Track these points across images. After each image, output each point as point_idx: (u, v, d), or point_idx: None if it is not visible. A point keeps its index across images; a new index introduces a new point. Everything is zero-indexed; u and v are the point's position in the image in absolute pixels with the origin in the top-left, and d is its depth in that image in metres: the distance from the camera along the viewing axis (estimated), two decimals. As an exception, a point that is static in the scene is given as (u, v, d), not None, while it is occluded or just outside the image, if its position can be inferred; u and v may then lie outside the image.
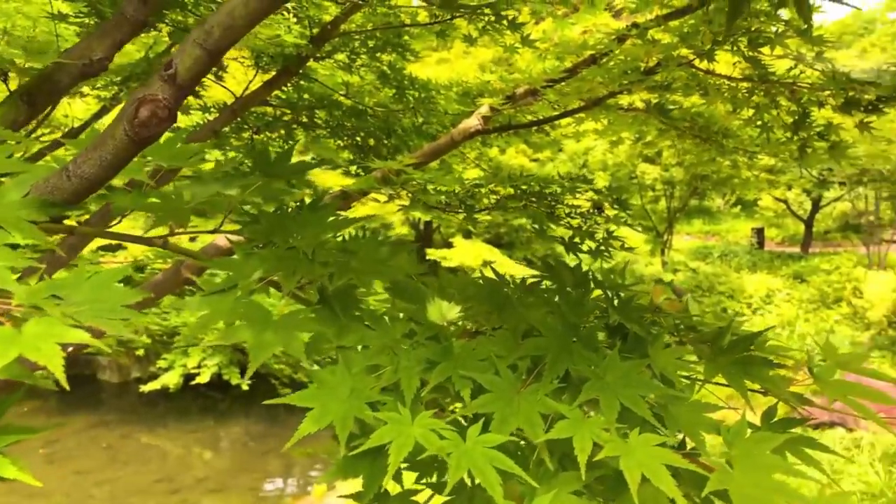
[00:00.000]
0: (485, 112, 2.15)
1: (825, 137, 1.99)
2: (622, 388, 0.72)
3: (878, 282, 13.23)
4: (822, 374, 0.84)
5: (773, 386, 0.82)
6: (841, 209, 20.57)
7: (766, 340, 0.86)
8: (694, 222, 24.28)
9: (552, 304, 0.86)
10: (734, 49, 1.72)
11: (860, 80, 1.78)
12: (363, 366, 0.73)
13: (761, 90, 1.93)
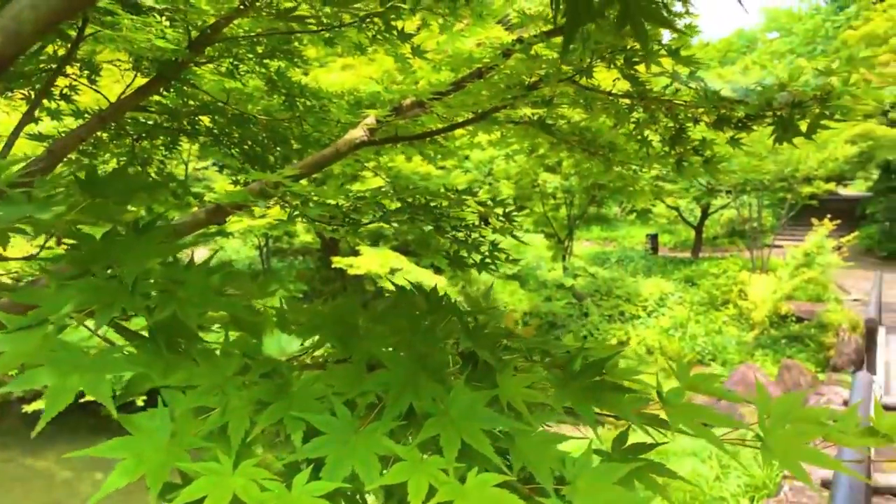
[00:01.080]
0: (370, 123, 2.10)
1: (699, 152, 2.09)
2: (466, 422, 0.69)
3: (760, 285, 14.13)
4: (671, 398, 0.85)
5: (622, 411, 0.81)
6: (728, 216, 21.89)
7: (617, 364, 0.86)
8: (593, 229, 25.18)
9: (402, 333, 0.83)
10: (611, 67, 1.77)
11: (730, 98, 1.86)
12: (188, 408, 0.66)
13: (641, 106, 2.00)
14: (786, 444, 0.72)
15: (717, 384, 0.86)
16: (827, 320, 12.31)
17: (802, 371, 11.09)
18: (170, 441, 0.63)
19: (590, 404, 0.78)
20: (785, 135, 1.83)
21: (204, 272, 0.76)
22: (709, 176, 2.17)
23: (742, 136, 1.99)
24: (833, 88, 1.76)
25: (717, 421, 0.76)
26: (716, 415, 0.77)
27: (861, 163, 20.35)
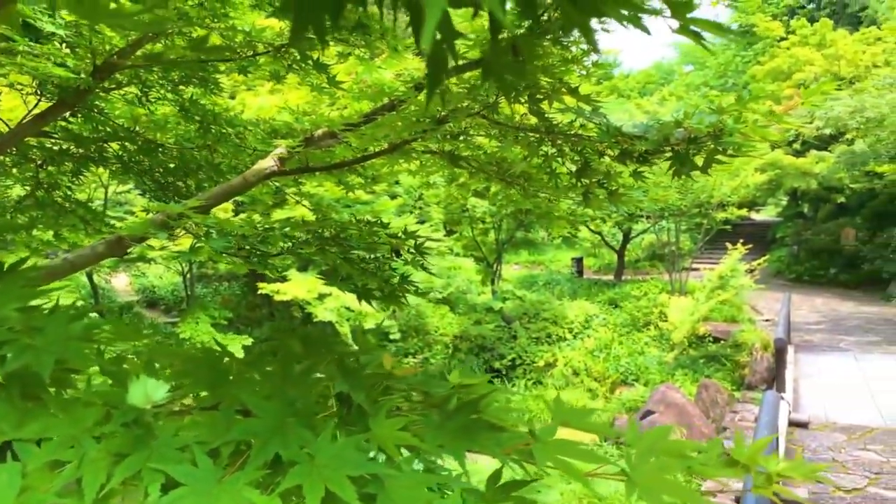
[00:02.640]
0: (281, 153, 2.09)
1: (604, 185, 2.17)
2: (331, 469, 0.68)
3: (679, 307, 14.66)
4: (543, 434, 0.87)
5: (493, 450, 0.83)
6: (648, 240, 22.73)
7: (493, 403, 0.87)
8: (521, 253, 25.63)
9: (274, 378, 0.81)
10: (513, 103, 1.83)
11: (630, 134, 1.95)
12: (42, 462, 0.63)
13: (549, 140, 2.06)
14: (650, 477, 0.74)
15: (591, 419, 0.88)
16: (741, 340, 12.86)
17: (719, 389, 11.52)
18: (18, 498, 0.60)
19: (462, 444, 0.79)
20: (682, 168, 1.92)
21: (65, 318, 0.73)
22: (613, 206, 2.26)
23: (644, 169, 2.08)
24: (725, 126, 1.87)
25: (584, 457, 0.78)
26: (582, 451, 0.79)
27: (771, 190, 21.53)
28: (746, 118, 2.13)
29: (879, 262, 18.61)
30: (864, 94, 12.64)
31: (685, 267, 17.35)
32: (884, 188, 16.73)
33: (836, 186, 18.15)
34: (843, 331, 13.40)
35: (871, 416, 7.81)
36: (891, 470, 6.13)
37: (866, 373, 9.80)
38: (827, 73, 18.94)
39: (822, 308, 16.31)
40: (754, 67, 23.94)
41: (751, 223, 30.83)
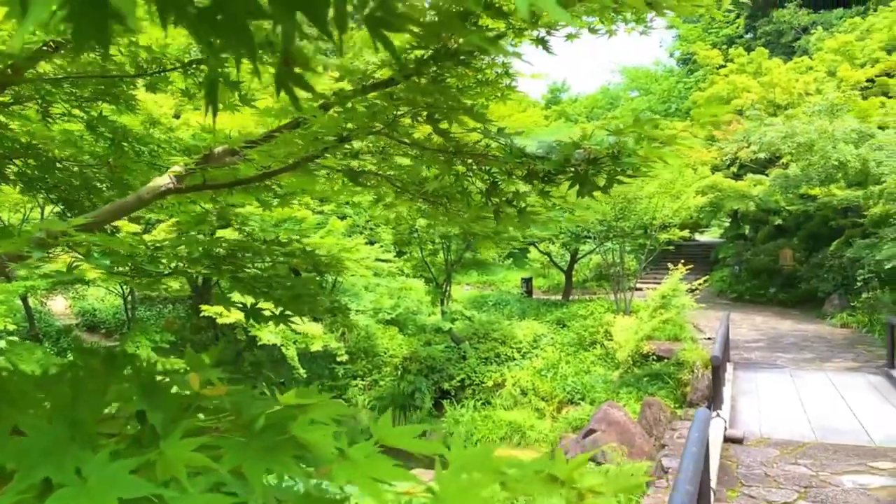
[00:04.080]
0: (177, 171, 2.04)
1: (512, 204, 2.19)
2: (103, 491, 0.65)
3: (623, 326, 14.90)
4: (356, 452, 0.83)
5: (297, 471, 0.79)
6: (596, 261, 23.10)
7: (307, 421, 0.85)
8: (472, 273, 25.75)
9: (62, 397, 0.78)
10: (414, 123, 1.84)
11: (533, 154, 1.97)
12: None
13: (458, 160, 2.07)
14: (460, 495, 0.73)
15: (409, 437, 0.87)
16: (683, 358, 13.11)
17: (662, 407, 11.70)
18: None
19: (262, 465, 0.76)
20: (583, 188, 1.95)
21: None
22: (522, 226, 2.28)
23: (550, 188, 2.10)
24: (623, 147, 1.91)
25: (394, 475, 0.76)
26: (393, 470, 0.77)
27: (713, 212, 22.19)
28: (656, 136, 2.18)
29: (815, 281, 19.32)
30: (795, 121, 13.22)
31: (631, 287, 17.67)
32: (817, 210, 17.42)
33: (774, 209, 18.82)
34: (781, 348, 13.81)
35: (803, 431, 8.03)
36: (819, 483, 6.30)
37: (800, 389, 10.10)
38: (763, 100, 19.71)
39: (762, 326, 16.79)
40: (695, 93, 24.79)
41: (695, 244, 31.70)
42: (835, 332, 15.80)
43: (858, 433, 7.92)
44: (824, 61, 20.33)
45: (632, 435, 8.55)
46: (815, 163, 12.73)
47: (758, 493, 6.08)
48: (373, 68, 2.04)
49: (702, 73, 26.42)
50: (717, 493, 6.07)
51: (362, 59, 2.28)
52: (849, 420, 8.44)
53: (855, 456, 7.11)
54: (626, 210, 16.44)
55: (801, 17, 27.05)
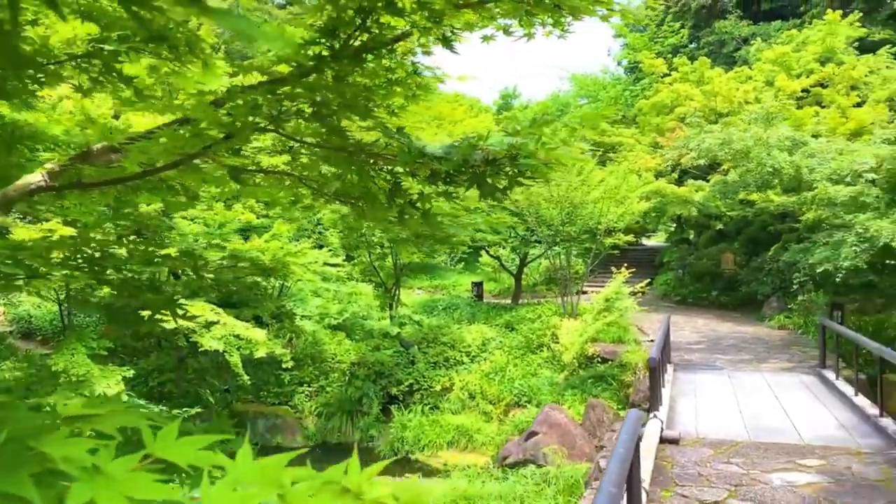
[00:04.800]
0: (51, 168, 1.95)
1: (415, 205, 2.16)
2: None
3: (569, 329, 15.06)
4: (113, 468, 0.76)
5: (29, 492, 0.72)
6: (545, 265, 23.35)
7: (62, 437, 0.78)
8: (424, 277, 25.73)
9: None
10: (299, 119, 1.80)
11: (431, 154, 1.95)
12: None
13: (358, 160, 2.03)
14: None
15: (194, 449, 0.81)
16: (626, 360, 13.33)
17: (605, 408, 11.87)
18: None
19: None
20: (484, 190, 1.94)
21: None
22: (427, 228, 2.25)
23: (455, 190, 2.08)
24: (521, 149, 1.90)
25: (156, 492, 0.71)
26: (155, 486, 0.71)
27: (658, 217, 22.67)
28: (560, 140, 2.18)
29: (755, 284, 19.91)
30: (732, 128, 13.62)
31: (578, 290, 17.90)
32: (755, 216, 17.94)
33: (715, 214, 19.32)
34: (720, 350, 14.16)
35: (737, 431, 8.22)
36: (749, 482, 6.45)
37: (737, 389, 10.35)
38: (705, 108, 20.24)
39: (703, 328, 17.20)
40: (641, 101, 25.31)
41: (642, 248, 32.36)
42: (772, 333, 16.29)
43: (789, 432, 8.15)
44: (763, 71, 21.01)
45: (573, 436, 8.62)
46: (752, 169, 13.12)
47: (690, 493, 6.18)
48: (268, 64, 1.98)
49: (647, 81, 27.02)
50: (650, 494, 6.15)
51: (264, 56, 2.22)
52: (781, 419, 8.69)
53: (785, 454, 7.31)
54: (573, 215, 16.66)
55: (742, 28, 27.93)
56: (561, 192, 16.34)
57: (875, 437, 7.87)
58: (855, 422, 8.53)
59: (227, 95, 1.83)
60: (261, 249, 15.21)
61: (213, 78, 2.19)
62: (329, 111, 1.82)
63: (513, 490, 7.83)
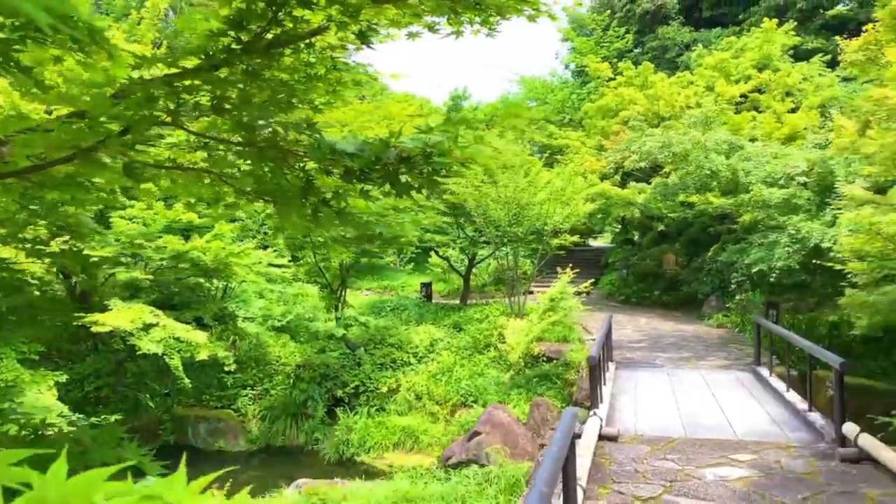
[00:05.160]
0: (-69, 161, 1.84)
1: (328, 203, 2.11)
2: None
3: (515, 328, 15.17)
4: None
5: None
6: (495, 265, 23.50)
7: None
8: (373, 278, 25.58)
9: None
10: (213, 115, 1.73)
11: (343, 151, 1.90)
12: None
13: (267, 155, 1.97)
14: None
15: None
16: (571, 359, 13.50)
17: (549, 407, 11.98)
18: None
19: None
20: (399, 189, 1.90)
21: None
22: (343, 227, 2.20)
23: (371, 187, 2.04)
24: (435, 147, 1.87)
25: None
26: None
27: (603, 218, 23.05)
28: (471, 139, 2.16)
29: (695, 284, 20.44)
30: (671, 131, 13.95)
31: (526, 290, 18.06)
32: (696, 217, 18.43)
33: (658, 215, 19.78)
34: (661, 348, 14.47)
35: (674, 428, 8.39)
36: (684, 477, 6.58)
37: (675, 387, 10.58)
38: (648, 112, 20.69)
39: (645, 327, 17.56)
40: (587, 104, 25.73)
41: (589, 249, 32.91)
42: (711, 332, 16.75)
43: (724, 428, 8.35)
44: (703, 77, 21.60)
45: (516, 436, 8.67)
46: (692, 172, 13.47)
47: (627, 490, 6.26)
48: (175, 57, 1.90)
49: (594, 84, 27.47)
50: (588, 491, 6.21)
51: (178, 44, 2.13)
52: (717, 415, 8.90)
53: (719, 449, 7.48)
54: (520, 216, 16.81)
55: (684, 34, 28.68)
56: (508, 193, 16.47)
57: (804, 431, 8.14)
58: (786, 417, 8.80)
59: (128, 88, 1.75)
60: (202, 250, 14.88)
61: (120, 69, 2.10)
62: (232, 105, 1.75)
63: (455, 490, 7.82)
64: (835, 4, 26.06)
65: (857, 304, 8.94)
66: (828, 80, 20.33)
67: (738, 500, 5.93)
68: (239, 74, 2.01)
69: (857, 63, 7.31)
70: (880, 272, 8.42)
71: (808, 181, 11.96)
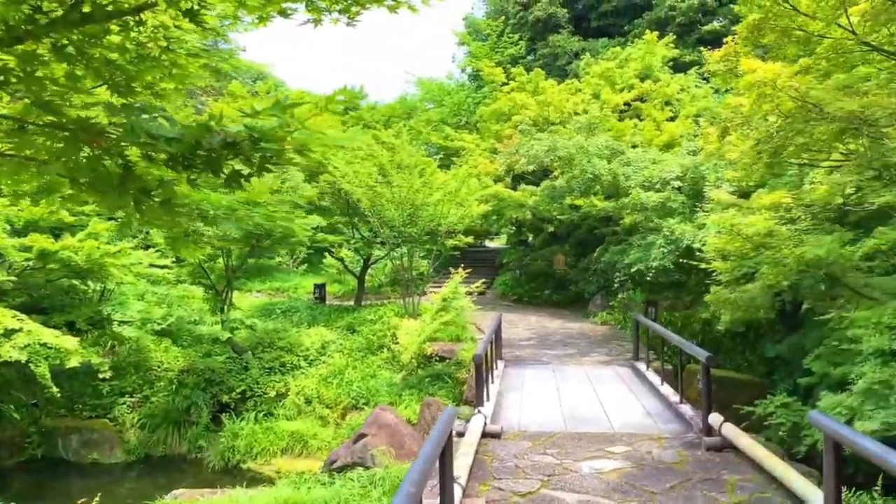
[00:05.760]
0: None
1: (150, 194, 1.96)
2: None
3: (408, 329, 15.15)
4: None
5: None
6: (391, 266, 23.39)
7: None
8: (264, 280, 24.82)
9: None
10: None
11: (160, 135, 1.76)
12: None
13: (78, 138, 1.80)
14: None
15: None
16: (462, 358, 13.63)
17: (440, 407, 12.00)
18: None
19: None
20: (227, 177, 1.78)
21: None
22: (170, 220, 2.06)
23: (198, 176, 1.90)
24: (263, 133, 1.76)
25: None
26: None
27: (497, 219, 23.47)
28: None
29: (582, 283, 21.21)
30: (557, 136, 14.41)
31: (421, 291, 18.08)
32: (583, 220, 19.11)
33: (547, 217, 20.35)
34: (548, 345, 14.89)
35: (556, 423, 8.61)
36: (562, 471, 6.74)
37: (559, 383, 10.89)
38: (539, 117, 21.27)
39: (535, 326, 18.03)
40: (482, 108, 26.16)
41: (485, 249, 33.47)
42: (596, 329, 17.42)
43: (602, 421, 8.66)
44: (591, 84, 22.46)
45: (402, 436, 8.62)
46: (577, 175, 13.95)
47: (506, 486, 6.34)
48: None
49: (488, 89, 27.95)
50: (469, 489, 6.23)
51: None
52: (596, 409, 9.22)
53: (596, 442, 7.74)
54: (415, 216, 16.80)
55: (573, 43, 29.75)
56: (403, 193, 16.44)
57: (675, 422, 8.57)
58: (660, 409, 9.24)
59: None
60: (73, 249, 13.89)
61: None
62: (31, 81, 1.58)
63: (338, 494, 7.65)
64: (710, 21, 27.85)
65: (720, 300, 9.53)
66: (703, 91, 21.69)
67: (610, 491, 6.14)
68: (47, 49, 1.83)
69: (719, 73, 7.81)
70: (740, 270, 9.03)
71: (682, 185, 12.66)
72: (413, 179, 16.64)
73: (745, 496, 5.90)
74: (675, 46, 24.57)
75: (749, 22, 6.44)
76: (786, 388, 10.30)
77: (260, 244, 15.70)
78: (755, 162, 7.27)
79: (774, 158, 7.14)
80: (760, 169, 7.58)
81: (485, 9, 37.42)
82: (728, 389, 11.06)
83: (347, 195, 17.12)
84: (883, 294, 7.66)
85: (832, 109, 5.91)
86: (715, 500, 5.82)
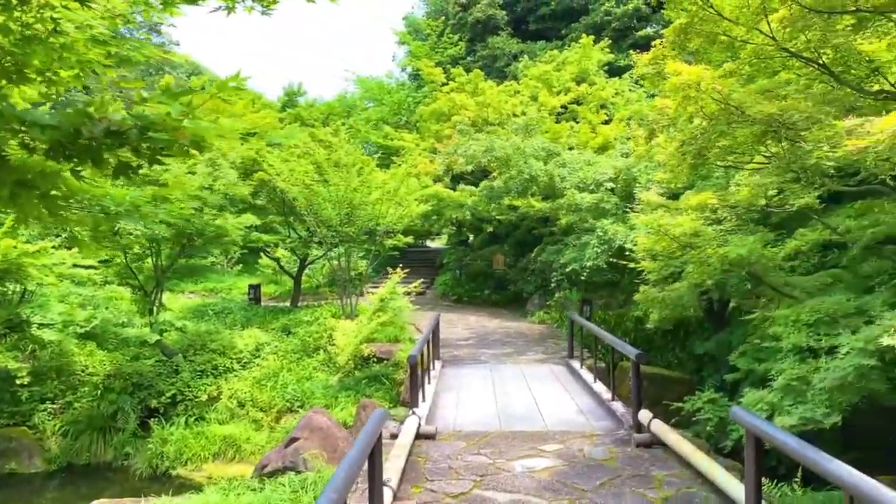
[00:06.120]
0: None
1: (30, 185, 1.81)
2: None
3: (345, 330, 14.94)
4: None
5: None
6: (329, 266, 23.06)
7: None
8: (199, 280, 24.12)
9: None
10: None
11: (35, 122, 1.62)
12: None
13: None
14: None
15: None
16: (400, 359, 13.52)
17: (377, 408, 11.88)
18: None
19: None
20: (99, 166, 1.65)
21: None
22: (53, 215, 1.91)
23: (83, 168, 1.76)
24: (151, 121, 1.64)
25: None
26: None
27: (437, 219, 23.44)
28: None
29: (521, 283, 21.41)
30: (494, 136, 14.49)
31: (359, 291, 17.87)
32: (521, 220, 19.28)
33: (487, 217, 20.45)
34: (486, 345, 14.94)
35: (491, 422, 8.60)
36: (495, 471, 6.73)
37: (496, 382, 10.91)
38: (478, 118, 21.35)
39: (475, 325, 18.08)
40: (422, 107, 26.10)
41: (426, 249, 33.43)
42: (533, 328, 17.59)
43: (536, 419, 8.70)
44: (529, 87, 22.70)
45: (336, 439, 8.47)
46: (514, 176, 14.05)
47: (439, 487, 6.28)
48: None
49: (428, 88, 27.92)
50: (401, 492, 6.15)
51: None
52: (530, 408, 9.26)
53: (530, 441, 7.76)
54: (353, 215, 16.61)
55: (512, 45, 30.03)
56: (341, 192, 16.22)
57: (607, 419, 8.69)
58: (592, 406, 9.35)
59: None
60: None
61: None
62: None
63: (268, 500, 7.47)
64: (644, 26, 28.57)
65: (650, 299, 9.74)
66: (636, 95, 22.21)
67: (542, 490, 6.16)
68: None
69: (648, 76, 7.98)
70: (668, 270, 9.25)
71: (615, 187, 12.90)
72: (351, 178, 16.44)
73: (672, 491, 6.01)
74: (610, 51, 25.10)
75: (676, 26, 6.59)
76: (713, 385, 10.60)
77: (191, 243, 15.22)
78: (680, 163, 7.46)
79: (699, 160, 7.34)
80: (686, 170, 7.78)
81: (425, 9, 37.39)
82: (659, 386, 11.33)
83: (283, 193, 16.77)
84: (802, 293, 7.97)
85: (753, 112, 6.10)
86: (643, 496, 5.90)
